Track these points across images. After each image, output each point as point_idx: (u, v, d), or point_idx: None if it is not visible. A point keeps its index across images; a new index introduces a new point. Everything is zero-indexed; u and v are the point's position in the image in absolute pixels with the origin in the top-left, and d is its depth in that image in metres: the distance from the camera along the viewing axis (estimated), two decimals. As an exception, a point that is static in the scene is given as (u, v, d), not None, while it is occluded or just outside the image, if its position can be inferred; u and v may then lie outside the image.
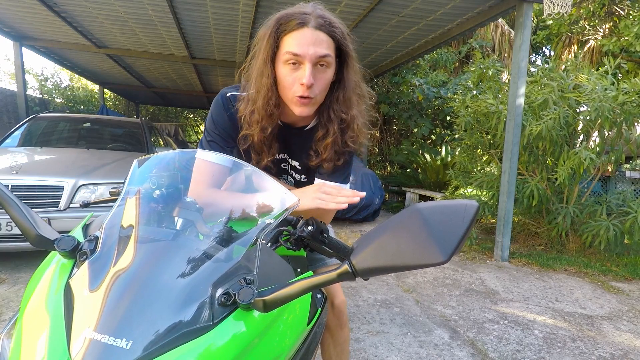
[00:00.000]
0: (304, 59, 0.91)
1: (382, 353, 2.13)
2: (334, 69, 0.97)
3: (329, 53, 0.93)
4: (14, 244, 2.89)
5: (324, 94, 0.99)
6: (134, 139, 4.62)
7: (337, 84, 1.02)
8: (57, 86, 12.59)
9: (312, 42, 0.90)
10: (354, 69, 1.02)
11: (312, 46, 0.90)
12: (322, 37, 0.92)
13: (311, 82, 0.91)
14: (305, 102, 0.95)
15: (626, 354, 2.26)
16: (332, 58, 0.94)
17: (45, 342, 0.56)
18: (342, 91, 1.02)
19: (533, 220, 4.70)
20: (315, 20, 0.91)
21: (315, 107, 1.00)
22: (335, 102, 1.03)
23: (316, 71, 0.93)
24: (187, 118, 18.02)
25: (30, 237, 0.66)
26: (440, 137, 7.70)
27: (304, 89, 0.92)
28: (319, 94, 0.97)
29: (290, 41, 0.91)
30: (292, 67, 0.92)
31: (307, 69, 0.91)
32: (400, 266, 0.52)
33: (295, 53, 0.90)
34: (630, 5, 7.65)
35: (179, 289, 0.60)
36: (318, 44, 0.91)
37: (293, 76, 0.93)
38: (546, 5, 3.69)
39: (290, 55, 0.91)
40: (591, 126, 4.00)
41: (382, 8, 4.37)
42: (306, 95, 0.93)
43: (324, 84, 0.96)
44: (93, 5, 4.68)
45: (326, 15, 0.94)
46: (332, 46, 0.94)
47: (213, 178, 0.89)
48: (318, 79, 0.94)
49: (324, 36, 0.92)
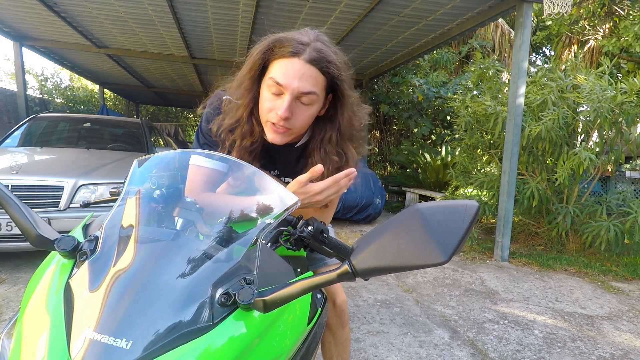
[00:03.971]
0: (286, 91, 0.87)
1: (382, 353, 2.13)
2: (319, 106, 0.93)
3: (314, 90, 0.88)
4: (14, 244, 2.89)
5: (303, 127, 0.95)
6: (134, 139, 4.62)
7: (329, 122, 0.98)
8: (57, 86, 12.58)
9: (299, 76, 0.86)
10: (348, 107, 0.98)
11: (296, 80, 0.86)
12: (312, 73, 0.87)
13: (287, 115, 0.88)
14: (279, 131, 0.92)
15: (626, 354, 2.26)
16: (317, 96, 0.90)
17: (45, 342, 0.56)
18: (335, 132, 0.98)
19: (533, 221, 4.70)
20: (309, 53, 0.86)
21: (291, 137, 0.96)
22: (329, 143, 0.99)
23: (296, 105, 0.89)
24: (187, 118, 18.01)
25: (30, 237, 0.66)
26: (440, 137, 7.70)
27: (278, 118, 0.89)
28: (297, 127, 0.93)
29: (278, 68, 0.87)
30: (274, 93, 0.89)
31: (286, 101, 0.87)
32: (400, 266, 0.52)
33: (278, 82, 0.87)
34: (630, 5, 7.65)
35: (179, 289, 0.60)
36: (305, 79, 0.86)
37: (272, 103, 0.90)
38: (546, 5, 3.68)
39: (273, 82, 0.87)
40: (590, 126, 4.00)
41: (382, 8, 4.37)
42: (281, 124, 0.90)
43: (305, 119, 0.93)
44: (93, 5, 4.68)
45: (324, 50, 0.88)
46: (321, 83, 0.89)
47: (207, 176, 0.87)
48: (297, 113, 0.90)
49: (313, 72, 0.87)
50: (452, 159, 6.54)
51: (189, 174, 0.85)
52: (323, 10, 4.50)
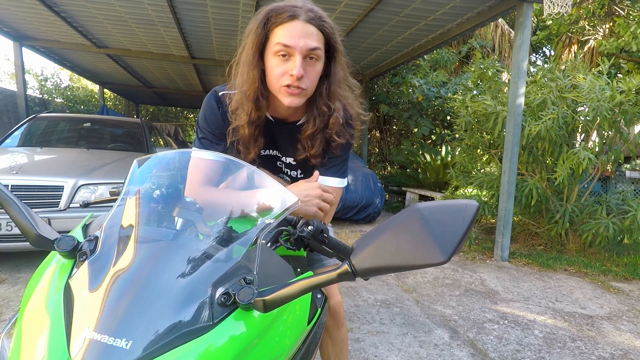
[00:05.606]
0: (295, 51, 0.92)
1: (382, 353, 2.13)
2: (323, 62, 0.99)
3: (318, 46, 0.94)
4: (14, 244, 2.89)
5: (314, 86, 1.00)
6: (134, 139, 4.62)
7: (323, 78, 1.03)
8: (57, 86, 12.58)
9: (303, 35, 0.91)
10: (341, 63, 1.04)
11: (302, 38, 0.91)
12: (312, 30, 0.93)
13: (301, 73, 0.92)
14: (294, 93, 0.96)
15: (626, 354, 2.26)
16: (321, 51, 0.96)
17: (45, 342, 0.56)
18: (327, 85, 1.03)
19: (533, 220, 4.70)
20: (305, 13, 0.93)
21: (305, 98, 1.00)
22: (319, 95, 1.03)
23: (306, 64, 0.94)
24: (187, 118, 18.01)
25: (30, 237, 0.66)
26: (440, 137, 7.70)
27: (293, 79, 0.93)
28: (309, 86, 0.97)
29: (281, 33, 0.92)
30: (282, 58, 0.93)
31: (298, 61, 0.92)
32: (400, 266, 0.52)
33: (286, 44, 0.91)
34: (630, 5, 7.64)
35: (179, 289, 0.60)
36: (308, 36, 0.92)
37: (283, 67, 0.94)
38: (546, 5, 3.68)
39: (280, 47, 0.92)
40: (590, 126, 4.00)
41: (382, 8, 4.37)
42: (296, 85, 0.94)
43: (314, 76, 0.98)
44: (93, 5, 4.68)
45: (316, 9, 0.96)
46: (321, 40, 0.95)
47: (207, 176, 0.89)
48: (308, 71, 0.95)
49: (313, 29, 0.93)
50: (452, 159, 6.54)
51: (189, 172, 0.85)
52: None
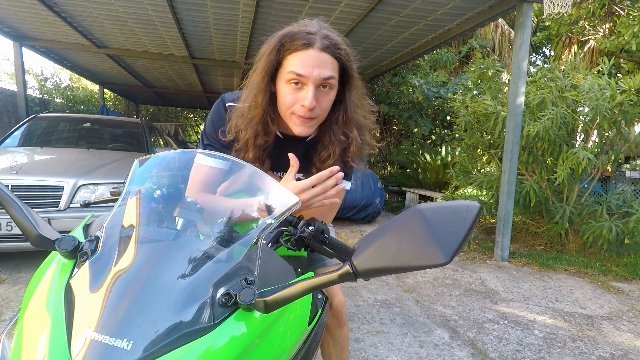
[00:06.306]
0: (308, 81, 0.90)
1: (382, 353, 2.13)
2: (336, 90, 0.97)
3: (332, 75, 0.92)
4: (14, 244, 2.89)
5: (326, 112, 0.98)
6: (134, 139, 4.62)
7: (338, 105, 1.01)
8: (57, 86, 12.58)
9: (317, 64, 0.89)
10: (356, 89, 1.01)
11: (316, 68, 0.89)
12: (327, 59, 0.91)
13: (313, 104, 0.90)
14: (306, 122, 0.94)
15: (626, 354, 2.26)
16: (335, 80, 0.93)
17: (45, 343, 0.56)
18: (343, 112, 1.01)
19: (533, 220, 4.70)
20: (320, 41, 0.90)
21: (316, 126, 0.99)
22: (335, 123, 1.01)
23: (319, 93, 0.92)
24: (187, 118, 18.01)
25: (31, 237, 0.66)
26: (440, 137, 7.69)
27: (305, 110, 0.91)
28: (321, 114, 0.96)
29: (295, 61, 0.90)
30: (295, 86, 0.91)
31: (310, 91, 0.90)
32: (401, 267, 0.52)
33: (299, 74, 0.89)
34: (630, 5, 7.64)
35: (179, 290, 0.60)
36: (323, 65, 0.90)
37: (295, 96, 0.92)
38: (546, 5, 3.68)
39: (293, 75, 0.90)
40: (590, 126, 4.00)
41: (382, 8, 4.37)
42: (307, 116, 0.93)
43: (326, 105, 0.96)
44: (93, 5, 4.68)
45: (332, 36, 0.93)
46: (336, 68, 0.93)
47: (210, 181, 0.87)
48: (320, 100, 0.93)
49: (328, 58, 0.91)
50: (452, 159, 6.54)
51: (191, 174, 0.85)
52: (323, 10, 4.50)
